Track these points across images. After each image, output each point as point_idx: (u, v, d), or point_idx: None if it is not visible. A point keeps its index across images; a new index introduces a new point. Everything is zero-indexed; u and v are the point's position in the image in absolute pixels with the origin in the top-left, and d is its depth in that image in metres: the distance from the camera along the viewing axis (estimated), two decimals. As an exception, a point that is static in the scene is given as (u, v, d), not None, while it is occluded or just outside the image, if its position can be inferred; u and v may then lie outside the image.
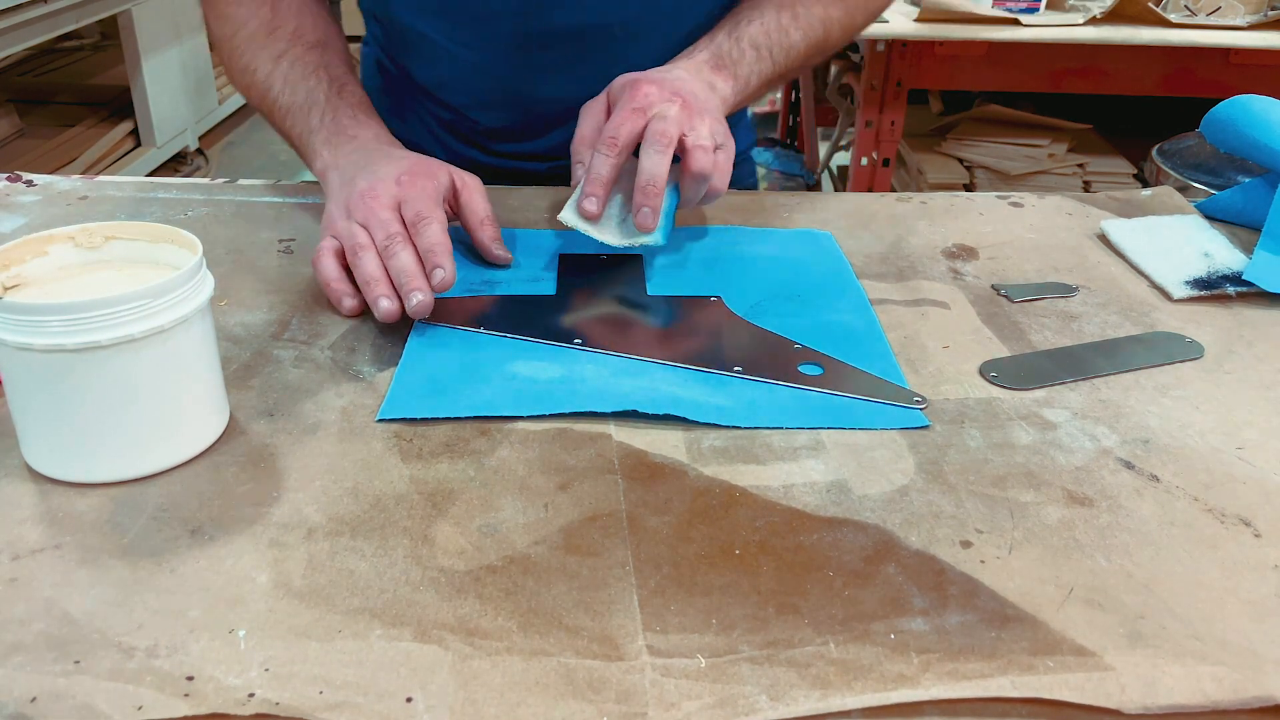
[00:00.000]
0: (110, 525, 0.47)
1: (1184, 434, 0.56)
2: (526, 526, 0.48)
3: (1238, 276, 0.72)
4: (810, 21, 0.79)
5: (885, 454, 0.54)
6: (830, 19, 0.80)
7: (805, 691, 0.39)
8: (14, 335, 0.46)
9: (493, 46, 0.84)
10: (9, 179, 0.86)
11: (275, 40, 0.80)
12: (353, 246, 0.63)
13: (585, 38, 0.83)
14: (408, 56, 0.90)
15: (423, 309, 0.61)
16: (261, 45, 0.80)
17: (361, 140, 0.73)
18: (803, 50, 0.80)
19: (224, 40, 0.82)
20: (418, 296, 0.61)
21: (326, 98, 0.76)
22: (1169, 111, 2.06)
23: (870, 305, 0.69)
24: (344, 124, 0.75)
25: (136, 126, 2.62)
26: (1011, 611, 0.44)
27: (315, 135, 0.75)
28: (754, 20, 0.78)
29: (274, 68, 0.78)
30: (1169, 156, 1.02)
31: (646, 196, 0.66)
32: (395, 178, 0.67)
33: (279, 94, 0.78)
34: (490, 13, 0.82)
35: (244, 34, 0.80)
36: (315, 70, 0.78)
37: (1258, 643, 0.42)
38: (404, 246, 0.63)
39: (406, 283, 0.61)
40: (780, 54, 0.78)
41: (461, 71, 0.87)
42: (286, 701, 0.38)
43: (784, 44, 0.78)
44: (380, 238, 0.63)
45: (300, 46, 0.79)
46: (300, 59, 0.79)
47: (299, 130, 0.76)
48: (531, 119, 0.89)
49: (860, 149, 2.06)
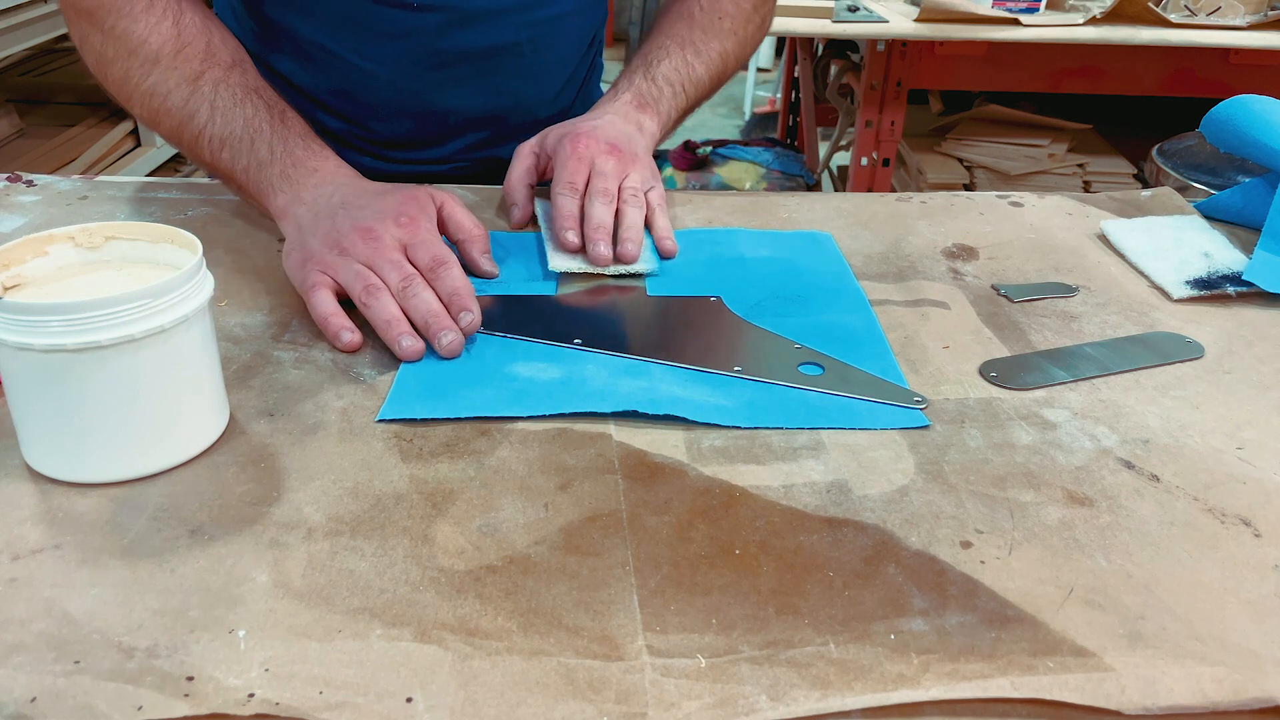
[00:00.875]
0: (110, 525, 0.47)
1: (1184, 434, 0.56)
2: (526, 526, 0.48)
3: (1238, 276, 0.72)
4: (710, 56, 0.86)
5: (885, 454, 0.54)
6: (726, 53, 0.88)
7: (805, 692, 0.39)
8: (14, 335, 0.46)
9: (400, 62, 0.85)
10: (9, 179, 0.86)
11: (185, 60, 0.73)
12: (365, 287, 0.62)
13: (494, 55, 0.86)
14: (290, 63, 0.88)
15: (457, 347, 0.61)
16: (169, 66, 0.73)
17: (325, 173, 0.71)
18: (707, 83, 0.87)
19: (113, 59, 0.74)
20: (450, 336, 0.61)
21: (271, 126, 0.72)
22: (1169, 111, 2.06)
23: (870, 305, 0.69)
24: (299, 155, 0.72)
25: (136, 126, 2.62)
26: (1011, 612, 0.44)
27: (268, 169, 0.71)
28: (663, 59, 0.85)
29: (193, 93, 0.73)
30: (1169, 156, 1.02)
31: (603, 234, 0.71)
32: (393, 217, 0.66)
33: (206, 122, 0.72)
34: (402, 31, 0.83)
35: (144, 53, 0.73)
36: (247, 95, 0.73)
37: (1258, 643, 0.42)
38: (425, 288, 0.63)
39: (435, 323, 0.61)
40: (691, 88, 0.85)
41: (362, 83, 0.87)
42: (286, 701, 0.38)
43: (692, 78, 0.85)
44: (396, 279, 0.62)
45: (218, 68, 0.74)
46: (223, 82, 0.73)
47: (243, 164, 0.72)
48: (433, 129, 0.91)
49: (860, 149, 2.06)
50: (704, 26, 0.87)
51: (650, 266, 0.72)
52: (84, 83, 2.77)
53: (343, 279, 0.63)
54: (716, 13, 0.87)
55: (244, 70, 0.75)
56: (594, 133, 0.76)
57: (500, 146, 0.94)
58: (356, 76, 0.86)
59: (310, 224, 0.67)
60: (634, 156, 0.76)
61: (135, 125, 2.65)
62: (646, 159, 0.78)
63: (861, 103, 2.03)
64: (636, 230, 0.72)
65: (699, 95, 0.87)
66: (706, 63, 0.86)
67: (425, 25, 0.83)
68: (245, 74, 0.75)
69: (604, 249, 0.70)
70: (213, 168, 0.75)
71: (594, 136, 0.76)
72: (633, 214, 0.73)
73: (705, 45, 0.86)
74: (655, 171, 0.78)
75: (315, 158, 0.72)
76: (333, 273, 0.64)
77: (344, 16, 0.83)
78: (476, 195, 0.85)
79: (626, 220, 0.72)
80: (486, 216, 0.82)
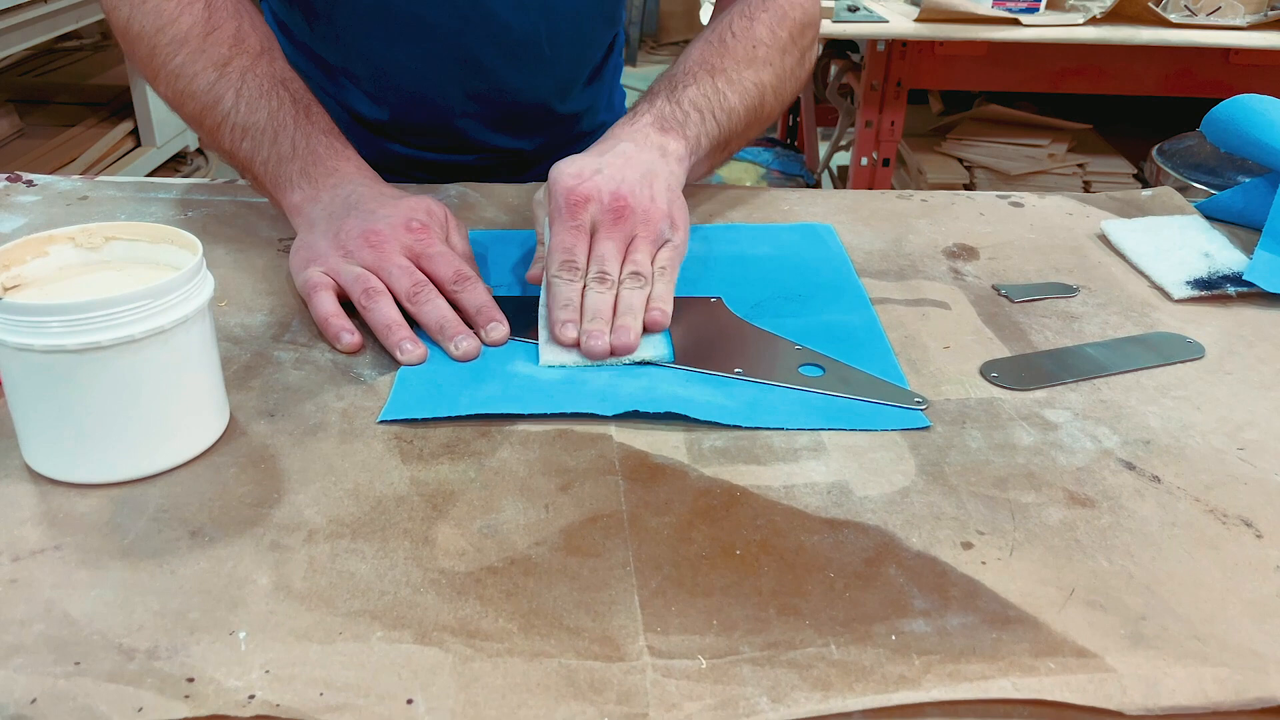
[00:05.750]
0: (110, 526, 0.47)
1: (1185, 434, 0.56)
2: (527, 527, 0.48)
3: (1238, 276, 0.72)
4: (744, 86, 0.78)
5: (886, 455, 0.54)
6: (763, 84, 0.79)
7: (806, 693, 0.39)
8: (14, 336, 0.46)
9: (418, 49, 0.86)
10: (9, 179, 0.86)
11: (214, 44, 0.72)
12: (365, 290, 0.62)
13: (515, 47, 0.87)
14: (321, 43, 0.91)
15: (475, 351, 0.61)
16: (198, 49, 0.72)
17: (343, 173, 0.71)
18: (742, 115, 0.78)
19: (143, 35, 0.74)
20: (467, 341, 0.61)
21: (295, 121, 0.71)
22: (1169, 111, 2.06)
23: (871, 305, 0.69)
24: (320, 154, 0.71)
25: (136, 126, 2.62)
26: (1013, 613, 0.44)
27: (288, 164, 0.71)
28: (689, 85, 0.76)
29: (219, 78, 0.72)
30: (1169, 156, 1.02)
31: (599, 326, 0.62)
32: (404, 224, 0.65)
33: (230, 110, 0.71)
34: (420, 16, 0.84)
35: (173, 32, 0.72)
36: (274, 87, 0.72)
37: (1259, 644, 0.42)
38: (436, 294, 0.62)
39: (450, 328, 0.61)
40: (722, 116, 0.76)
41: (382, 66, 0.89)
42: (287, 703, 0.38)
43: (724, 106, 0.76)
44: (406, 285, 0.62)
45: (246, 56, 0.73)
46: (250, 70, 0.72)
47: (263, 156, 0.71)
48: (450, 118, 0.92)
49: (860, 149, 2.06)
50: (735, 55, 0.79)
51: (656, 353, 0.62)
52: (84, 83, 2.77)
53: (344, 281, 0.63)
54: (750, 40, 0.80)
55: (272, 59, 0.74)
56: (596, 181, 0.66)
57: (519, 139, 0.94)
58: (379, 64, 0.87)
59: (321, 224, 0.67)
60: (646, 206, 0.66)
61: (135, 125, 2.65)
62: (665, 197, 0.67)
63: (861, 103, 2.03)
64: (635, 317, 0.62)
65: (733, 126, 0.77)
66: (740, 93, 0.77)
67: (444, 16, 0.82)
68: (273, 63, 0.74)
69: (599, 341, 0.60)
70: (230, 156, 0.74)
71: (596, 190, 0.65)
72: (631, 297, 0.63)
73: (738, 74, 0.78)
74: (675, 213, 0.68)
75: (336, 157, 0.72)
76: (335, 274, 0.64)
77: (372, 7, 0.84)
78: (478, 193, 0.85)
79: (624, 304, 0.63)
80: (490, 215, 0.82)
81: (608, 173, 0.66)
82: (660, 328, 0.63)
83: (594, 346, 0.60)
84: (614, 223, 0.65)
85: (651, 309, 0.63)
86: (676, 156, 0.71)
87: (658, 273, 0.65)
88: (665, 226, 0.67)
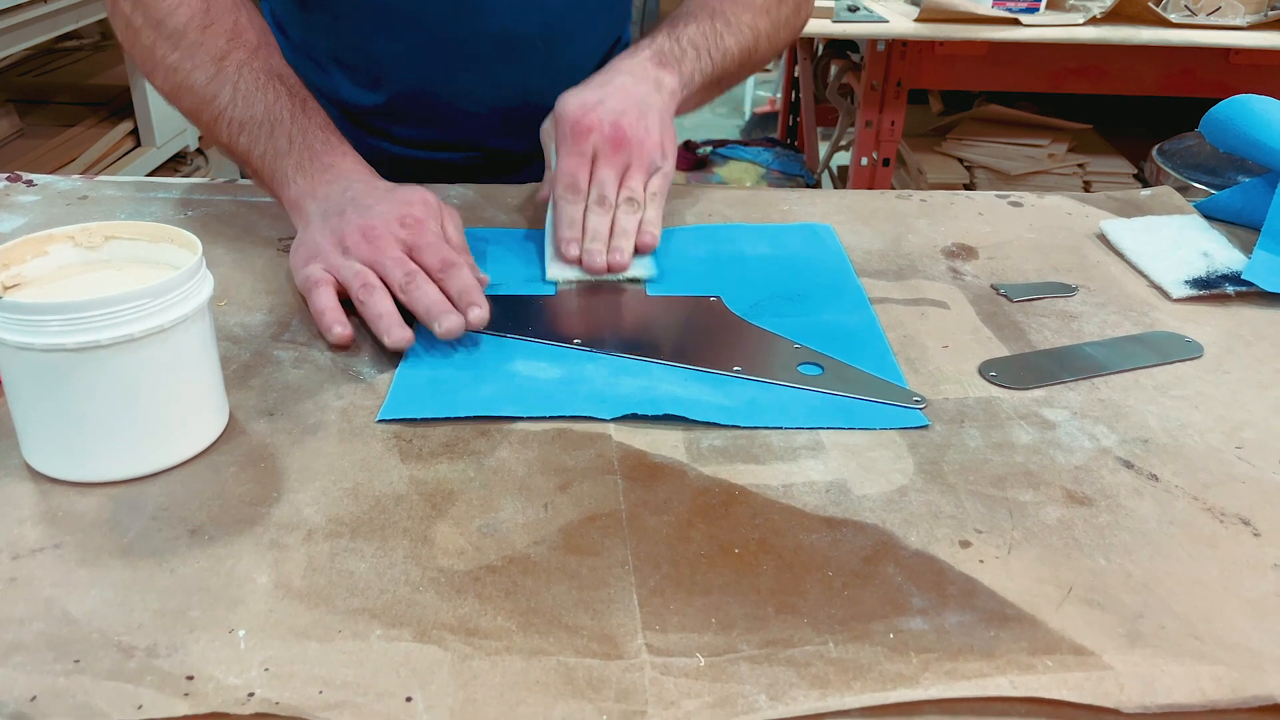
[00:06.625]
0: (110, 525, 0.47)
1: (1183, 433, 0.56)
2: (526, 526, 0.48)
3: (1237, 276, 0.72)
4: (740, 28, 0.83)
5: (884, 454, 0.54)
6: (758, 29, 0.84)
7: (804, 691, 0.39)
8: (14, 335, 0.46)
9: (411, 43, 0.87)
10: (9, 179, 0.86)
11: (212, 37, 0.73)
12: (363, 285, 0.63)
13: (506, 44, 0.87)
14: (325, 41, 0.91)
15: (457, 328, 0.61)
16: (195, 42, 0.73)
17: (340, 169, 0.71)
18: (736, 55, 0.83)
19: (140, 28, 0.74)
20: (450, 319, 0.61)
21: (291, 116, 0.72)
22: (1169, 111, 2.06)
23: (870, 304, 0.69)
24: (317, 149, 0.71)
25: (136, 126, 2.62)
26: (1010, 611, 0.44)
27: (284, 159, 0.71)
28: (689, 24, 0.82)
29: (217, 71, 0.72)
30: (1169, 156, 1.02)
31: (598, 244, 0.71)
32: (398, 218, 0.66)
33: (228, 104, 0.72)
34: (414, 11, 0.84)
35: (171, 25, 0.73)
36: (270, 81, 0.73)
37: (1257, 642, 0.42)
38: (427, 281, 0.63)
39: (435, 309, 0.61)
40: (717, 55, 0.82)
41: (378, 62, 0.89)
42: (286, 701, 0.39)
43: (720, 46, 0.82)
44: (398, 276, 0.63)
45: (243, 50, 0.73)
46: (247, 64, 0.73)
47: (260, 150, 0.72)
48: (445, 116, 0.92)
49: (860, 149, 2.06)
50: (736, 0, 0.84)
51: (645, 272, 0.71)
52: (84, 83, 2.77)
53: (343, 277, 0.64)
54: None
55: (269, 53, 0.75)
56: (599, 113, 0.73)
57: (513, 140, 0.94)
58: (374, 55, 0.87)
59: (319, 221, 0.68)
60: (642, 137, 0.73)
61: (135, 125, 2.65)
62: (659, 128, 0.75)
63: (861, 103, 2.03)
64: (628, 240, 0.72)
65: (726, 66, 0.83)
66: (736, 35, 0.83)
67: (437, 6, 0.83)
68: (270, 57, 0.75)
69: (598, 259, 0.70)
70: (229, 149, 0.74)
71: (599, 121, 0.72)
72: (625, 220, 0.72)
73: (735, 17, 0.83)
74: (666, 142, 0.75)
75: (332, 152, 0.72)
76: (335, 271, 0.64)
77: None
78: (478, 193, 0.85)
79: (619, 226, 0.72)
80: (489, 214, 0.82)
81: (609, 104, 0.73)
82: (650, 249, 0.72)
83: (594, 263, 0.70)
84: (613, 151, 0.73)
85: (643, 232, 0.72)
86: (670, 90, 0.78)
87: (649, 198, 0.73)
88: (657, 155, 0.74)
